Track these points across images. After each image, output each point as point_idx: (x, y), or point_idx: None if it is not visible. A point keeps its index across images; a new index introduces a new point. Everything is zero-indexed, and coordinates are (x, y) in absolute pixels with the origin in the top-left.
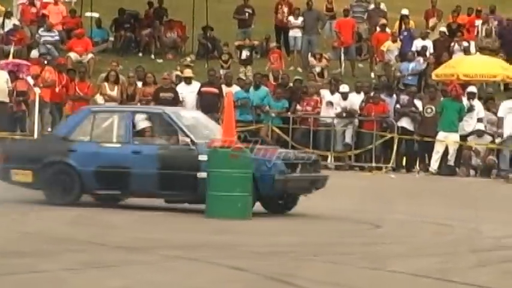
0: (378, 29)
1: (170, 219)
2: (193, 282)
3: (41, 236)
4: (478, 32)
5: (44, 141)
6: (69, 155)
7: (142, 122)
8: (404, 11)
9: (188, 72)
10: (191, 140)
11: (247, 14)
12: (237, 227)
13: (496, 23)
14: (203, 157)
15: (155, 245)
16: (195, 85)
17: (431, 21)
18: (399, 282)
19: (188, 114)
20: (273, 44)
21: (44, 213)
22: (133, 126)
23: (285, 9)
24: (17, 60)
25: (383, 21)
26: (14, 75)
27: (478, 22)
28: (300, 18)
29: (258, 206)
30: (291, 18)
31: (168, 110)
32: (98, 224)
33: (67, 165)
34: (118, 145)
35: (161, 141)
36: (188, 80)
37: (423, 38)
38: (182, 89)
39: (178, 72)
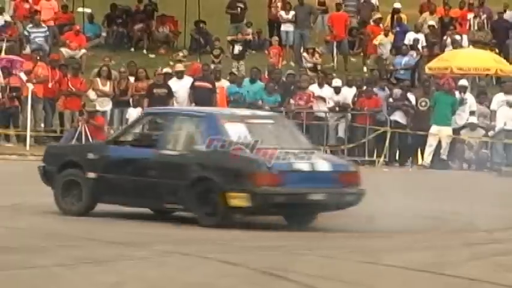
0: (372, 22)
1: (162, 215)
2: (186, 278)
3: (34, 232)
4: (470, 26)
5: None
6: None
7: None
8: (397, 5)
9: (179, 67)
10: None
11: (239, 8)
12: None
13: (484, 16)
14: None
15: (148, 241)
16: (187, 80)
17: (423, 16)
18: (393, 276)
19: None
20: (275, 38)
21: (36, 209)
22: None
23: (279, 4)
24: (11, 56)
25: (378, 15)
26: (7, 71)
27: (470, 15)
28: (292, 13)
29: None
30: (282, 13)
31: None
32: (90, 219)
33: None
34: None
35: None
36: (180, 74)
37: (416, 32)
38: (174, 83)
39: (168, 70)
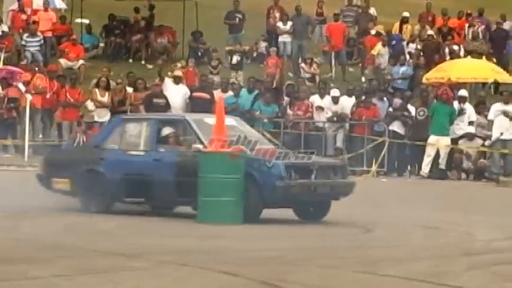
0: (373, 32)
1: (161, 225)
2: None
3: (33, 243)
4: (465, 35)
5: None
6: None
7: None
8: (405, 13)
9: (178, 73)
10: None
11: (237, 19)
12: (228, 232)
13: (483, 26)
14: None
15: (147, 251)
16: (182, 87)
17: (417, 27)
18: (392, 286)
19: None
20: (273, 49)
21: (36, 220)
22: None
23: (277, 14)
24: (10, 67)
25: (379, 27)
26: (5, 82)
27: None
28: (289, 23)
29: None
30: (279, 24)
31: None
32: (89, 230)
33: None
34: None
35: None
36: (177, 80)
37: (413, 42)
38: (169, 88)
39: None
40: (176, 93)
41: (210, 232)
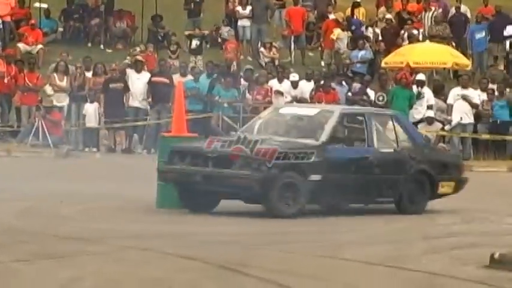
0: (331, 16)
1: (119, 209)
2: (145, 272)
3: None
4: (422, 19)
5: None
6: None
7: None
8: None
9: (139, 57)
10: None
11: (193, 3)
12: (186, 217)
13: (440, 10)
14: None
15: (106, 236)
16: (145, 74)
17: (380, 11)
18: (353, 270)
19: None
20: (231, 33)
21: None
22: None
23: None
24: None
25: (339, 14)
26: None
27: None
28: (248, 8)
29: None
30: (238, 8)
31: None
32: (47, 215)
33: None
34: None
35: None
36: (139, 66)
37: (372, 26)
38: (132, 76)
39: (127, 61)
40: (137, 81)
41: (168, 217)
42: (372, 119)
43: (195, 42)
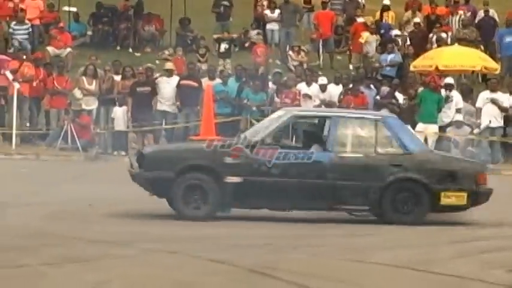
0: (360, 20)
1: (147, 213)
2: (173, 276)
3: (19, 231)
4: (450, 23)
5: None
6: None
7: None
8: (386, 1)
9: (169, 65)
10: None
11: (222, 7)
12: (215, 219)
13: (469, 14)
14: None
15: (133, 239)
16: (175, 78)
17: (406, 15)
18: (381, 274)
19: None
20: (260, 37)
21: (21, 208)
22: None
23: (265, 2)
24: None
25: (368, 18)
26: None
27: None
28: (277, 11)
29: None
30: (267, 11)
31: None
32: (75, 218)
33: None
34: None
35: None
36: (169, 73)
37: (400, 30)
38: (162, 82)
39: (150, 65)
40: (168, 86)
41: (195, 221)
42: (339, 123)
43: (223, 46)
